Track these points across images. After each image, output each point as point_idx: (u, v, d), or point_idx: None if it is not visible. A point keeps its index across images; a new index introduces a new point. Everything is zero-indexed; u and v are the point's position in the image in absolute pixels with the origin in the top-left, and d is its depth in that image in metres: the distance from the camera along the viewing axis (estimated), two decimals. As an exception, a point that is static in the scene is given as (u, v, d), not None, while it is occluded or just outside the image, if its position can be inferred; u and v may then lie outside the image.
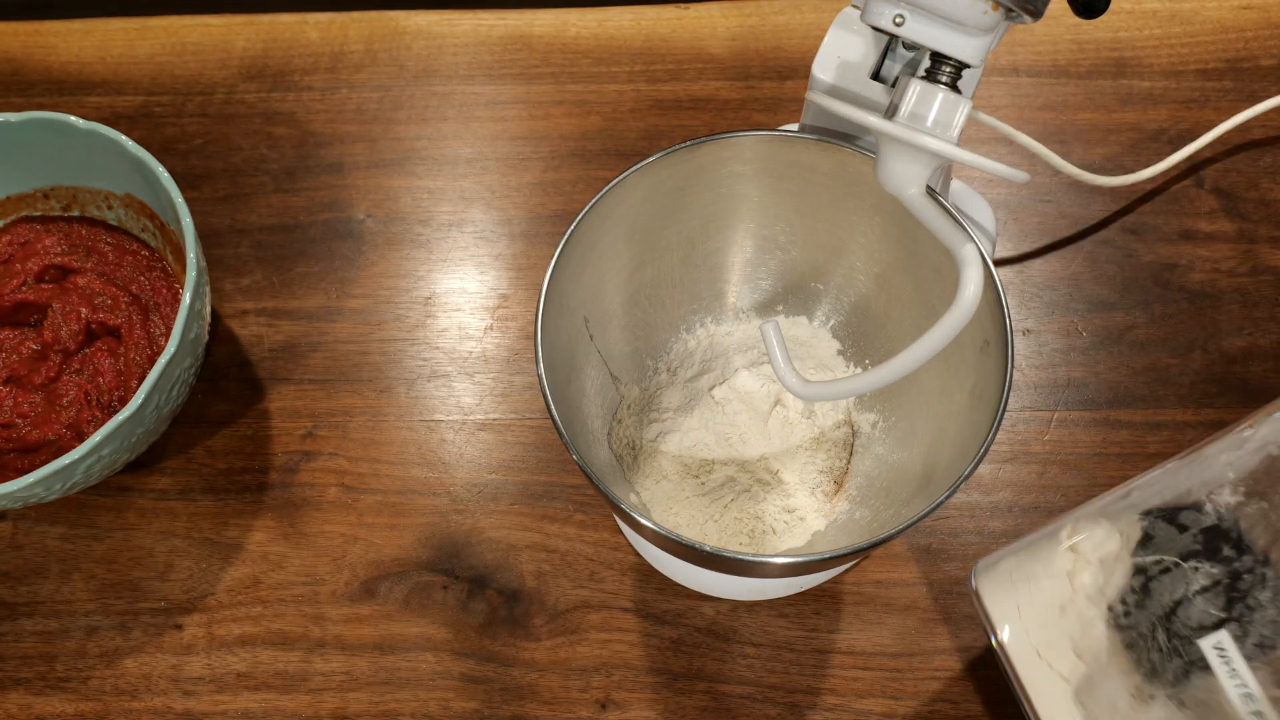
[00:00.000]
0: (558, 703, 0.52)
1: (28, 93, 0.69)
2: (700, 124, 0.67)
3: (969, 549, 0.55)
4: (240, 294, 0.63)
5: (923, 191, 0.41)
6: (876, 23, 0.39)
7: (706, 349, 0.55)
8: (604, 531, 0.56)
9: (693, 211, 0.51)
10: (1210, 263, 0.61)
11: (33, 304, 0.58)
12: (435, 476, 0.58)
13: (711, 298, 0.55)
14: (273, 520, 0.57)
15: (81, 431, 0.55)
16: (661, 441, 0.52)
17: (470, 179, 0.66)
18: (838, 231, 0.52)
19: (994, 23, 0.38)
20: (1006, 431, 0.58)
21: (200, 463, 0.58)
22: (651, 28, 0.70)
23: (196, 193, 0.66)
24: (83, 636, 0.55)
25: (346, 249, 0.64)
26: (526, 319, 0.62)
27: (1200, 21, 0.68)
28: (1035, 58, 0.68)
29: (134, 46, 0.71)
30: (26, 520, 0.57)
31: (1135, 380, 0.59)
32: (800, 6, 0.70)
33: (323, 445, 0.59)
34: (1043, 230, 0.63)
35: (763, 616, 0.54)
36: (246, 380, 0.61)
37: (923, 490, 0.46)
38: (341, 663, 0.54)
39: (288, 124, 0.68)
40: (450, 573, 0.55)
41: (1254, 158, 0.64)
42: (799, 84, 0.68)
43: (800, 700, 0.52)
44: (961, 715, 0.52)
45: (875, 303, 0.53)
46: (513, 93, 0.68)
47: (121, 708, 0.53)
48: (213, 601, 0.55)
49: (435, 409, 0.59)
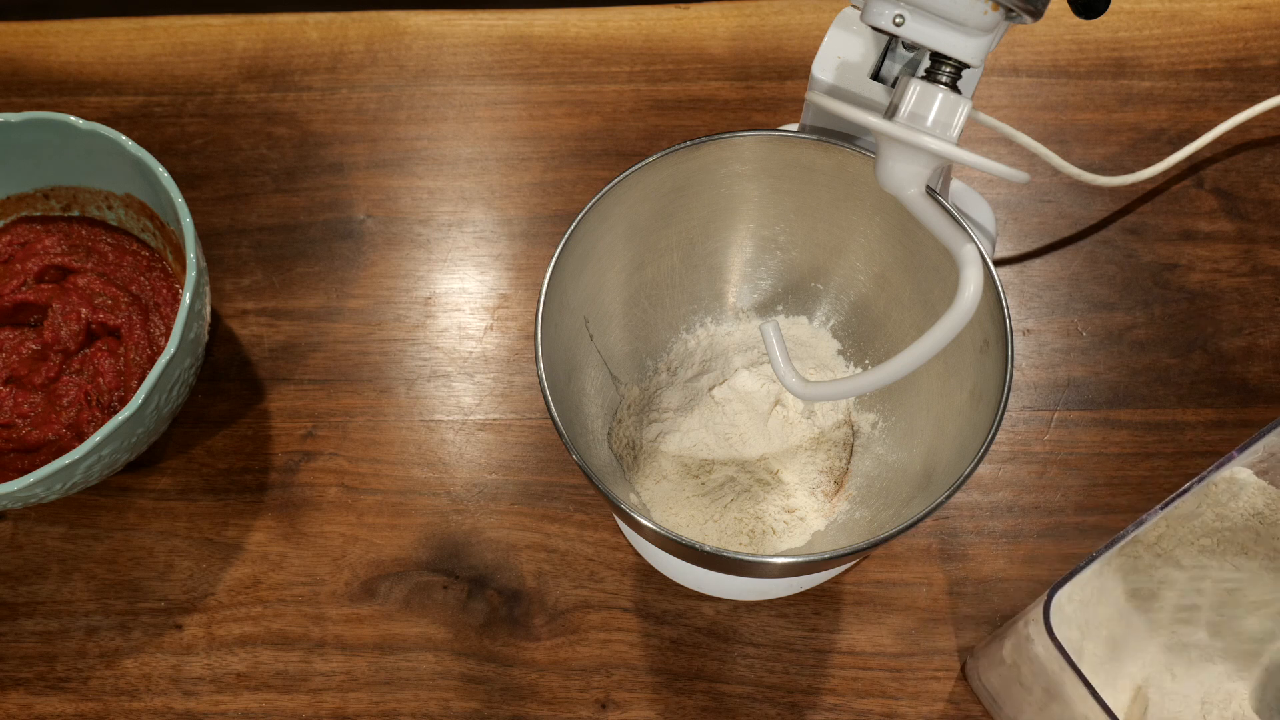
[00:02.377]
0: (558, 703, 0.52)
1: (28, 93, 0.69)
2: (700, 124, 0.67)
3: (969, 549, 0.55)
4: (240, 294, 0.63)
5: (922, 191, 0.41)
6: (876, 23, 0.39)
7: (706, 349, 0.55)
8: (604, 531, 0.56)
9: (693, 211, 0.51)
10: (1210, 263, 0.61)
11: (33, 304, 0.58)
12: (435, 476, 0.58)
13: (711, 298, 0.55)
14: (273, 520, 0.57)
15: (81, 432, 0.55)
16: (661, 441, 0.52)
17: (470, 179, 0.66)
18: (838, 231, 0.52)
19: (994, 23, 0.38)
20: (1006, 431, 0.58)
21: (200, 463, 0.58)
22: (651, 28, 0.70)
23: (196, 193, 0.66)
24: (83, 636, 0.55)
25: (346, 249, 0.64)
26: (526, 319, 0.62)
27: (1200, 21, 0.68)
28: (1035, 58, 0.68)
29: (134, 47, 0.71)
30: (26, 520, 0.57)
31: (1135, 380, 0.59)
32: (800, 6, 0.70)
33: (323, 445, 0.59)
34: (1043, 230, 0.63)
35: (763, 616, 0.54)
36: (246, 380, 0.61)
37: (923, 490, 0.46)
38: (341, 663, 0.54)
39: (288, 124, 0.68)
40: (450, 573, 0.55)
41: (1254, 158, 0.64)
42: (799, 84, 0.68)
43: (800, 700, 0.52)
44: (961, 715, 0.52)
45: (875, 303, 0.53)
46: (513, 93, 0.68)
47: (121, 708, 0.53)
48: (213, 601, 0.55)
49: (435, 409, 0.59)
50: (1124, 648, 0.46)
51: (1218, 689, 0.46)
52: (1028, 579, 0.54)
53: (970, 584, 0.54)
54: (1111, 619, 0.46)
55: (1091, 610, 0.46)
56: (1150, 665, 0.46)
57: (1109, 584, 0.47)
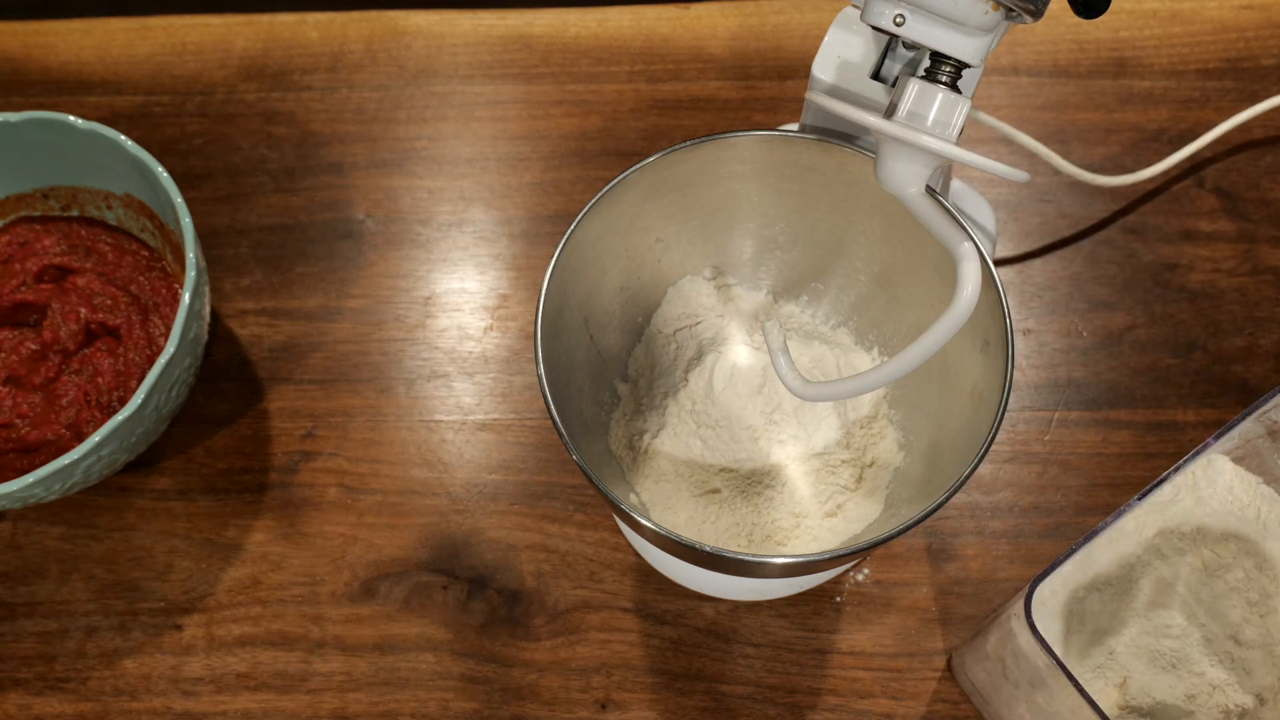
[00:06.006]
0: (558, 703, 0.52)
1: (27, 93, 0.69)
2: (700, 124, 0.67)
3: (969, 549, 0.55)
4: (240, 294, 0.63)
5: (922, 191, 0.41)
6: (876, 22, 0.39)
7: (706, 349, 0.55)
8: (604, 531, 0.56)
9: (692, 211, 0.51)
10: (1210, 263, 0.61)
11: (32, 304, 0.58)
12: (435, 476, 0.58)
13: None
14: (272, 520, 0.57)
15: (81, 432, 0.55)
16: (661, 442, 0.52)
17: (470, 179, 0.66)
18: (838, 231, 0.52)
19: (994, 23, 0.38)
20: (1006, 431, 0.58)
21: (200, 463, 0.58)
22: (651, 28, 0.70)
23: (196, 193, 0.66)
24: (82, 637, 0.55)
25: (346, 249, 0.64)
26: (526, 319, 0.62)
27: (1200, 21, 0.68)
28: (1035, 58, 0.68)
29: (133, 46, 0.71)
30: (26, 520, 0.57)
31: (1135, 380, 0.59)
32: (800, 6, 0.70)
33: (323, 445, 0.59)
34: (1043, 230, 0.63)
35: (763, 617, 0.54)
36: (246, 380, 0.61)
37: (923, 490, 0.46)
38: (341, 663, 0.54)
39: (287, 124, 0.68)
40: (450, 573, 0.55)
41: (1254, 157, 0.64)
42: (799, 84, 0.68)
43: (800, 700, 0.52)
44: (961, 715, 0.52)
45: (875, 302, 0.53)
46: (513, 93, 0.68)
47: (121, 708, 0.53)
48: (212, 602, 0.55)
49: (435, 409, 0.59)
50: (1107, 637, 0.46)
51: (1200, 675, 0.46)
52: (1028, 579, 0.54)
53: (970, 584, 0.54)
54: (1094, 610, 0.47)
55: (1074, 602, 0.47)
56: (1133, 653, 0.46)
57: (1091, 575, 0.47)
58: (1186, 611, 0.47)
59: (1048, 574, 0.41)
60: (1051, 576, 0.41)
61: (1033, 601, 0.40)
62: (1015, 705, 0.46)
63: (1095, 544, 0.42)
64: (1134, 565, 0.48)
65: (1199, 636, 0.46)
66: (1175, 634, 0.47)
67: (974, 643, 0.48)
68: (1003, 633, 0.44)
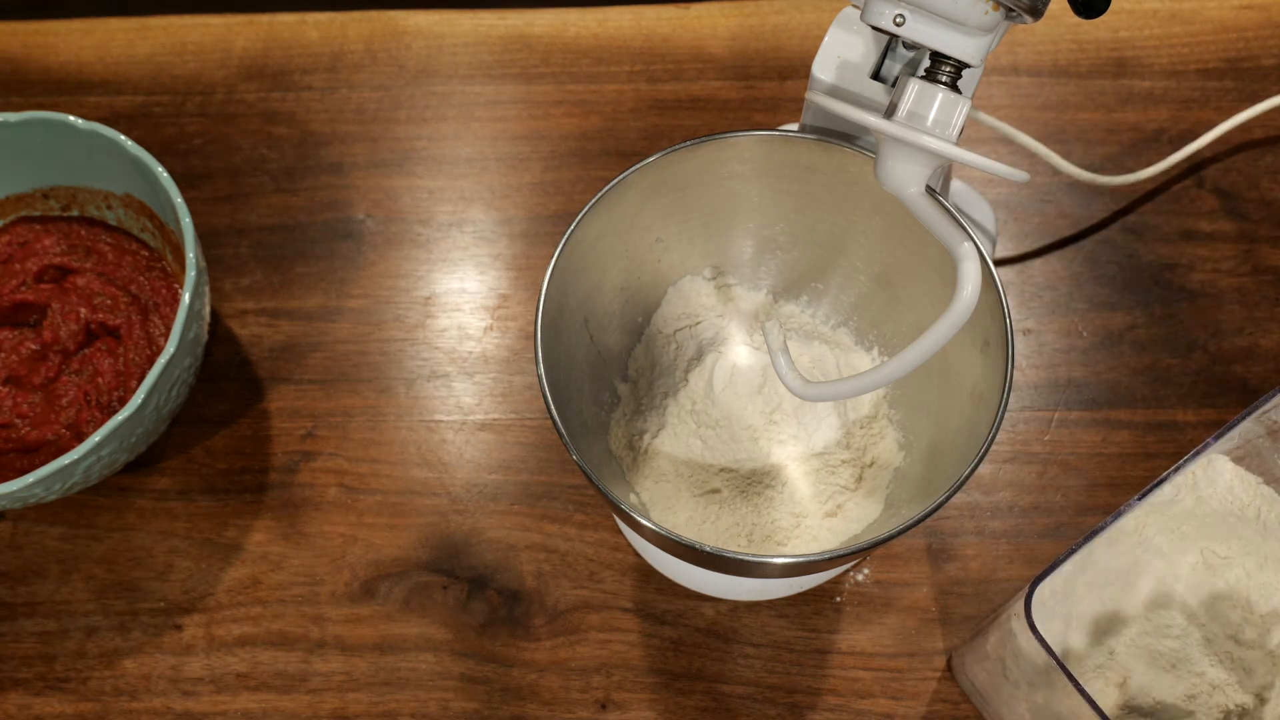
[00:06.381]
0: (558, 703, 0.52)
1: (27, 93, 0.69)
2: (700, 124, 0.67)
3: (969, 549, 0.55)
4: (240, 294, 0.63)
5: (922, 191, 0.41)
6: (876, 22, 0.39)
7: (706, 349, 0.55)
8: (604, 531, 0.56)
9: (692, 211, 0.51)
10: (1210, 263, 0.61)
11: (32, 304, 0.58)
12: (435, 477, 0.58)
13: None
14: (272, 520, 0.57)
15: (81, 432, 0.55)
16: (661, 441, 0.52)
17: (470, 179, 0.66)
18: (838, 231, 0.52)
19: (994, 23, 0.38)
20: (1006, 431, 0.58)
21: (200, 463, 0.58)
22: (651, 28, 0.70)
23: (196, 193, 0.66)
24: (82, 637, 0.55)
25: (346, 249, 0.64)
26: (526, 319, 0.62)
27: (1200, 21, 0.68)
28: (1035, 58, 0.68)
29: (133, 46, 0.71)
30: (26, 520, 0.57)
31: (1135, 380, 0.59)
32: (800, 6, 0.70)
33: (323, 445, 0.59)
34: (1043, 230, 0.63)
35: (763, 617, 0.54)
36: (246, 380, 0.61)
37: (923, 490, 0.46)
38: (341, 663, 0.54)
39: (287, 124, 0.68)
40: (450, 573, 0.55)
41: (1254, 157, 0.64)
42: (799, 84, 0.68)
43: (800, 700, 0.52)
44: (961, 715, 0.52)
45: (875, 302, 0.53)
46: (512, 93, 0.68)
47: (121, 708, 0.53)
48: (212, 602, 0.55)
49: (435, 409, 0.59)
50: (1107, 637, 0.46)
51: (1200, 675, 0.46)
52: (1028, 579, 0.54)
53: (971, 584, 0.54)
54: (1094, 609, 0.47)
55: (1074, 602, 0.47)
56: (1133, 653, 0.46)
57: (1091, 575, 0.47)
58: (1186, 611, 0.47)
59: (1048, 574, 0.41)
60: (1051, 576, 0.41)
61: (1033, 601, 0.40)
62: (1015, 705, 0.46)
63: (1095, 544, 0.42)
64: (1134, 565, 0.48)
65: (1199, 636, 0.46)
66: (1175, 634, 0.47)
67: (974, 643, 0.48)
68: (1003, 633, 0.44)
